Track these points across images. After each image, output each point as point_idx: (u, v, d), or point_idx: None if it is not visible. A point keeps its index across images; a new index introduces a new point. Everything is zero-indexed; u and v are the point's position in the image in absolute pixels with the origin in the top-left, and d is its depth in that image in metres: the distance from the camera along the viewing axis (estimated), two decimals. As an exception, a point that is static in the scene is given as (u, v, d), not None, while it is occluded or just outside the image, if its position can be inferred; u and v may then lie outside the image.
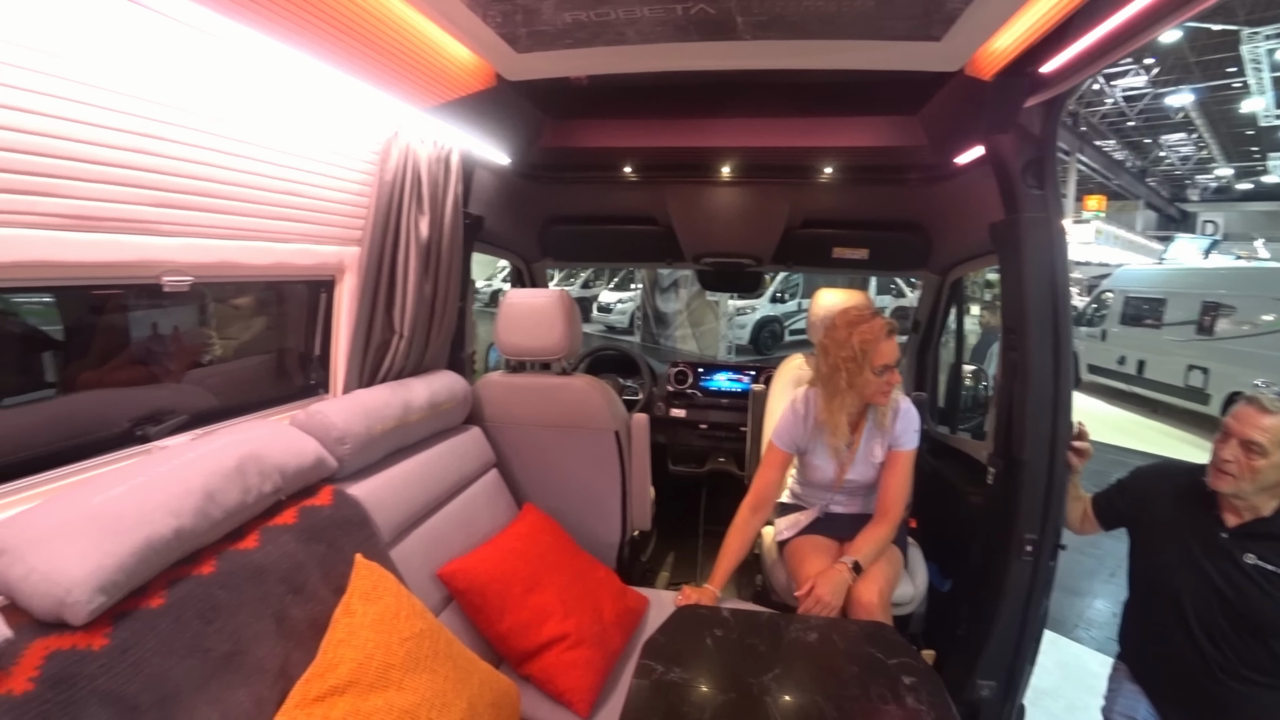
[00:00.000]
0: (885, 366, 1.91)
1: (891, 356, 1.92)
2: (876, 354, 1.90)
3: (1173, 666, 1.66)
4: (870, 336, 1.89)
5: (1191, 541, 1.64)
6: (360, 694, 1.13)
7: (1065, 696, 2.97)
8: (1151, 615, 1.73)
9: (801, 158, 2.38)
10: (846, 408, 1.97)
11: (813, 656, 1.40)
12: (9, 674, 0.88)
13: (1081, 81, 1.54)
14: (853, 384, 1.93)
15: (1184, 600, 1.63)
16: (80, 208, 1.12)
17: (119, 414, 1.41)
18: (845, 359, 1.92)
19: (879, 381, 1.92)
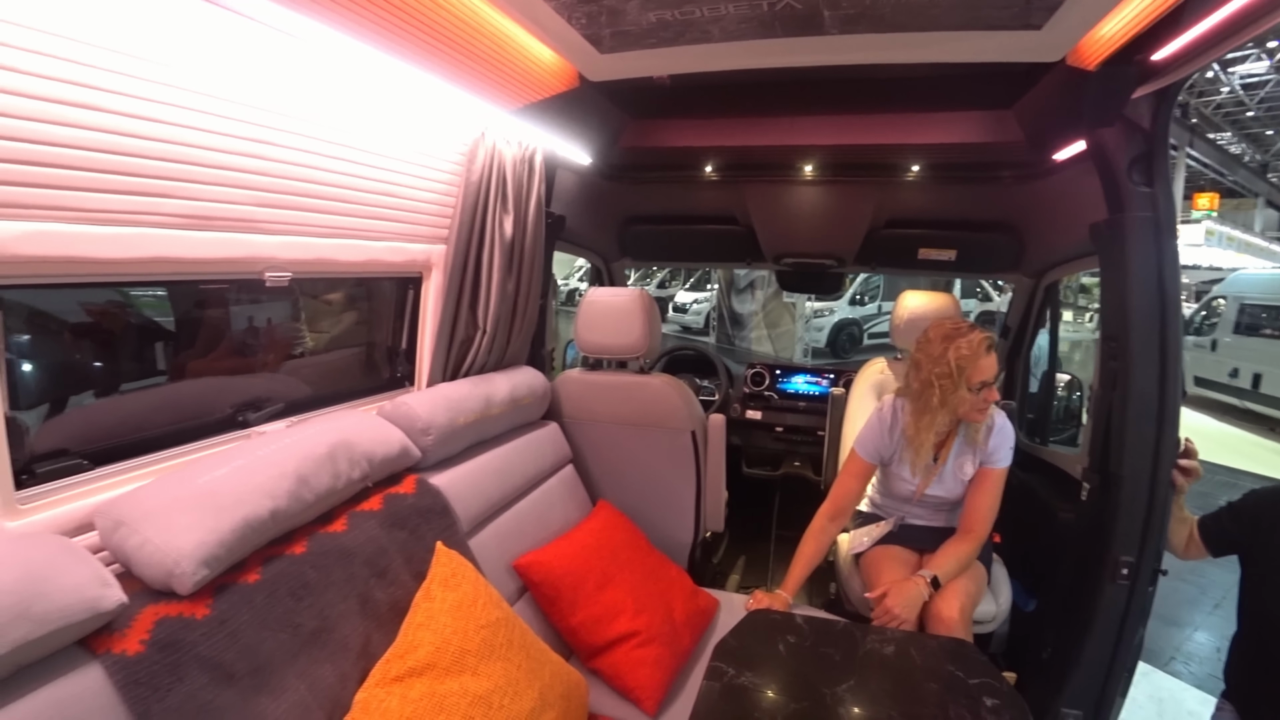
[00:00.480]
0: (983, 384, 1.82)
1: (990, 373, 1.82)
2: (974, 371, 1.80)
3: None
4: (968, 352, 1.80)
5: None
6: (437, 677, 1.16)
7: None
8: (1265, 653, 1.58)
9: (888, 155, 2.31)
10: (936, 426, 1.88)
11: (889, 670, 1.35)
12: (124, 635, 0.95)
13: (1196, 70, 1.42)
14: (946, 402, 1.84)
15: None
16: (195, 208, 1.20)
17: (222, 401, 1.50)
18: (939, 375, 1.83)
19: (975, 399, 1.83)
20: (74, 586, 0.88)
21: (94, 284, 1.20)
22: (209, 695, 0.99)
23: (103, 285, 1.25)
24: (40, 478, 1.09)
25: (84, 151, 1.00)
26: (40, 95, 0.94)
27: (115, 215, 1.08)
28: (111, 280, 1.20)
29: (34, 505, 1.06)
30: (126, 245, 1.10)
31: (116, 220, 1.08)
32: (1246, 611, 1.65)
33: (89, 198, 1.03)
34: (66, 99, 0.97)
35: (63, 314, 1.26)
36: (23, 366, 1.17)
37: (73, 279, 1.11)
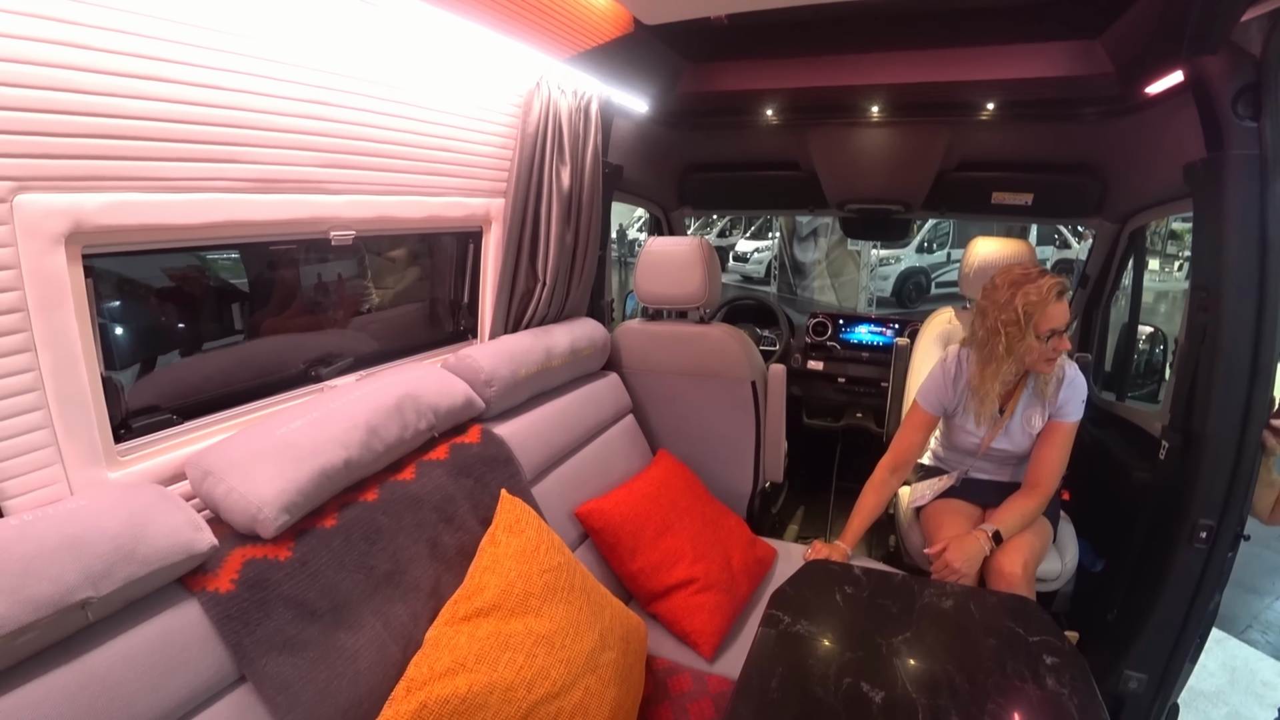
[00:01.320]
0: (1053, 332, 1.74)
1: (1060, 320, 1.73)
2: (1043, 318, 1.73)
3: None
4: (1036, 298, 1.72)
5: None
6: (502, 617, 1.22)
7: (1229, 703, 2.68)
8: None
9: (960, 93, 2.17)
10: (1002, 376, 1.82)
11: (947, 624, 1.34)
12: (216, 575, 1.03)
13: None
14: (1012, 350, 1.77)
15: None
16: (262, 172, 1.24)
17: (295, 357, 1.57)
18: (1006, 323, 1.76)
19: (1044, 348, 1.75)
20: (171, 530, 0.96)
21: (171, 249, 1.26)
22: (294, 629, 1.07)
23: (179, 250, 1.31)
24: (135, 432, 1.17)
25: (155, 122, 1.04)
26: (111, 70, 0.97)
27: (187, 182, 1.12)
28: (187, 245, 1.26)
29: (131, 457, 1.14)
30: (199, 210, 1.15)
31: (188, 187, 1.13)
32: None
33: (161, 166, 1.08)
34: (136, 72, 1.00)
35: (148, 279, 1.33)
36: (115, 330, 1.25)
37: (152, 245, 1.16)
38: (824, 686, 1.14)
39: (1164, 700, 1.81)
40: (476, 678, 1.12)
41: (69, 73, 0.92)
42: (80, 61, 0.93)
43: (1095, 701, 1.12)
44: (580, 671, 1.25)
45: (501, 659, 1.16)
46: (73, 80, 0.93)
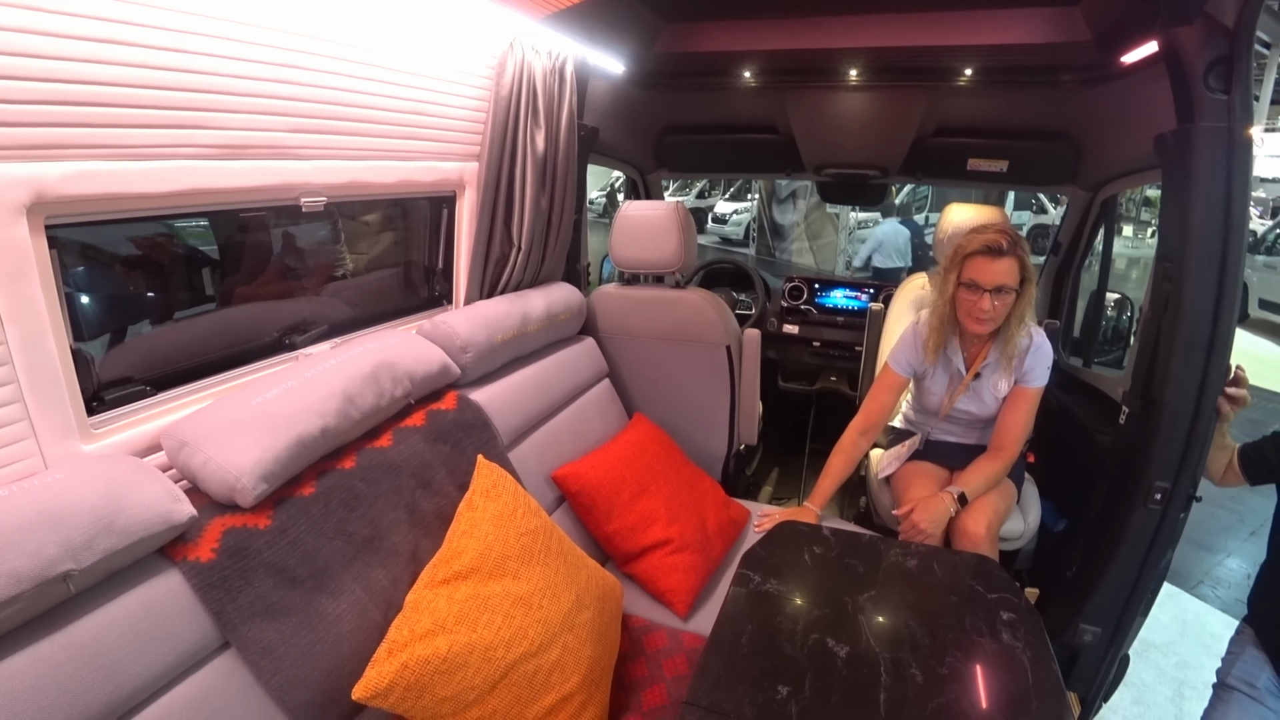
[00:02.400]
0: (973, 284, 1.76)
1: (984, 276, 1.75)
2: (968, 265, 1.77)
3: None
4: (965, 243, 1.78)
5: None
6: (481, 580, 1.25)
7: (1178, 653, 2.82)
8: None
9: (939, 58, 2.15)
10: (937, 311, 1.88)
11: (911, 582, 1.40)
12: (196, 544, 1.05)
13: None
14: (939, 287, 1.85)
15: None
16: (229, 138, 1.21)
17: (268, 325, 1.56)
18: (945, 268, 1.85)
19: (966, 299, 1.79)
20: (149, 501, 0.97)
21: (138, 218, 1.24)
22: (276, 596, 1.09)
23: (146, 219, 1.28)
24: (108, 404, 1.17)
25: (118, 88, 1.02)
26: (69, 33, 0.94)
27: (152, 149, 1.10)
28: (153, 214, 1.23)
29: (105, 430, 1.14)
30: (165, 178, 1.13)
31: (154, 154, 1.11)
32: (1277, 540, 1.65)
33: (125, 134, 1.06)
34: (97, 35, 0.98)
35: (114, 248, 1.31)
36: (81, 300, 1.23)
37: (118, 215, 1.14)
38: (791, 642, 1.19)
39: (1116, 651, 1.90)
40: (456, 638, 1.15)
41: (26, 37, 0.89)
42: (38, 25, 0.90)
43: (1047, 654, 1.19)
44: (557, 631, 1.29)
45: (480, 620, 1.19)
46: (30, 45, 0.90)
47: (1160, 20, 1.54)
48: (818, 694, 1.07)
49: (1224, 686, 1.71)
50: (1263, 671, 1.64)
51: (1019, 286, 1.78)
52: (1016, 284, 1.77)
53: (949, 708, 1.06)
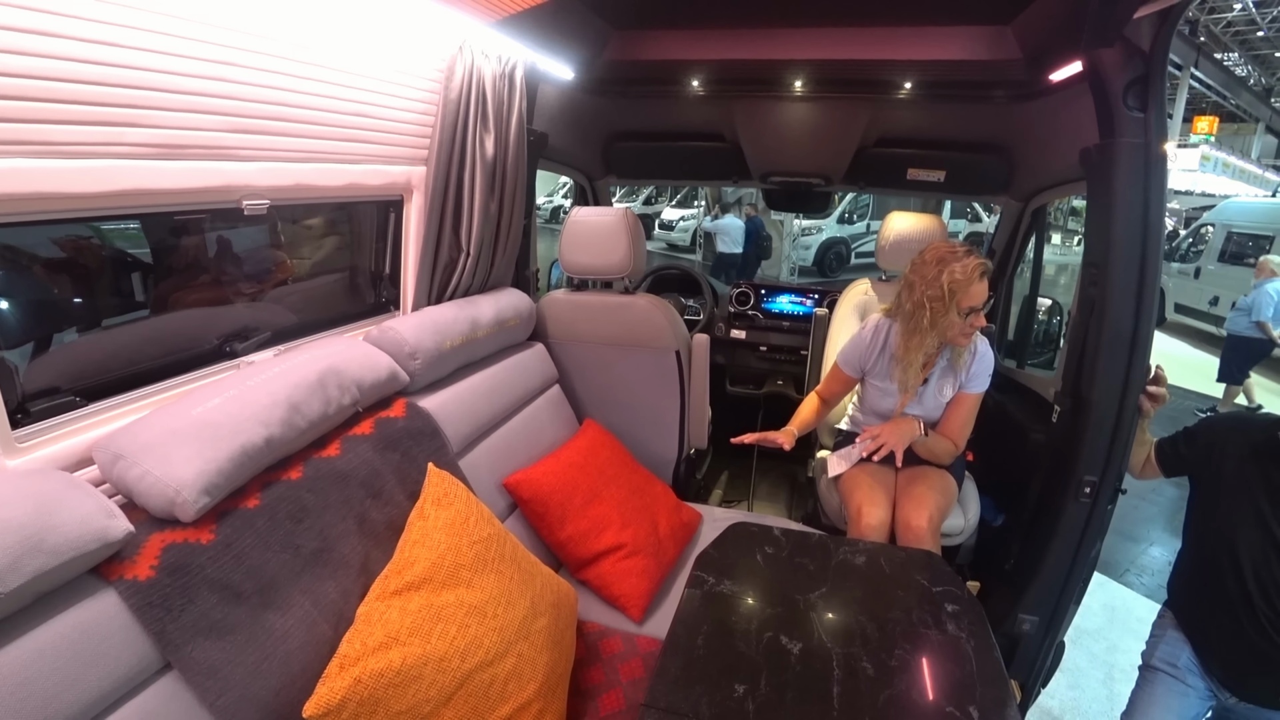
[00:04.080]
0: (973, 309, 1.84)
1: (980, 299, 1.84)
2: (966, 296, 1.83)
3: (1221, 620, 1.64)
4: (962, 277, 1.82)
5: (1261, 498, 1.58)
6: (434, 590, 1.23)
7: (1108, 639, 2.99)
8: (1206, 567, 1.69)
9: (880, 71, 2.23)
10: (925, 347, 1.93)
11: (859, 578, 1.44)
12: (134, 562, 1.00)
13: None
14: (935, 324, 1.88)
15: (1242, 556, 1.59)
16: (165, 137, 1.17)
17: (208, 332, 1.51)
18: (931, 298, 1.86)
19: (963, 324, 1.87)
20: (81, 518, 0.92)
21: (65, 220, 1.18)
22: (220, 613, 1.05)
23: (74, 221, 1.22)
24: (35, 416, 1.11)
25: (43, 82, 0.97)
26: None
27: (81, 148, 1.05)
28: (83, 215, 1.18)
29: (32, 443, 1.09)
30: (95, 178, 1.08)
31: (83, 153, 1.06)
32: (1191, 529, 1.75)
33: (52, 130, 1.01)
34: (20, 25, 0.93)
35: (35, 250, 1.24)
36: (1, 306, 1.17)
37: (45, 215, 1.09)
38: (746, 641, 1.21)
39: (1053, 639, 1.99)
40: (410, 650, 1.13)
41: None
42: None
43: (989, 643, 1.24)
44: (513, 639, 1.28)
45: (434, 631, 1.18)
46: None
47: (1083, 42, 1.63)
48: (773, 691, 1.09)
49: (1149, 668, 1.82)
50: (1182, 652, 1.75)
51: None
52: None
53: (899, 698, 1.09)
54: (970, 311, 1.85)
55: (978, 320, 1.86)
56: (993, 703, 1.10)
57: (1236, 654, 1.61)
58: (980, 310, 1.85)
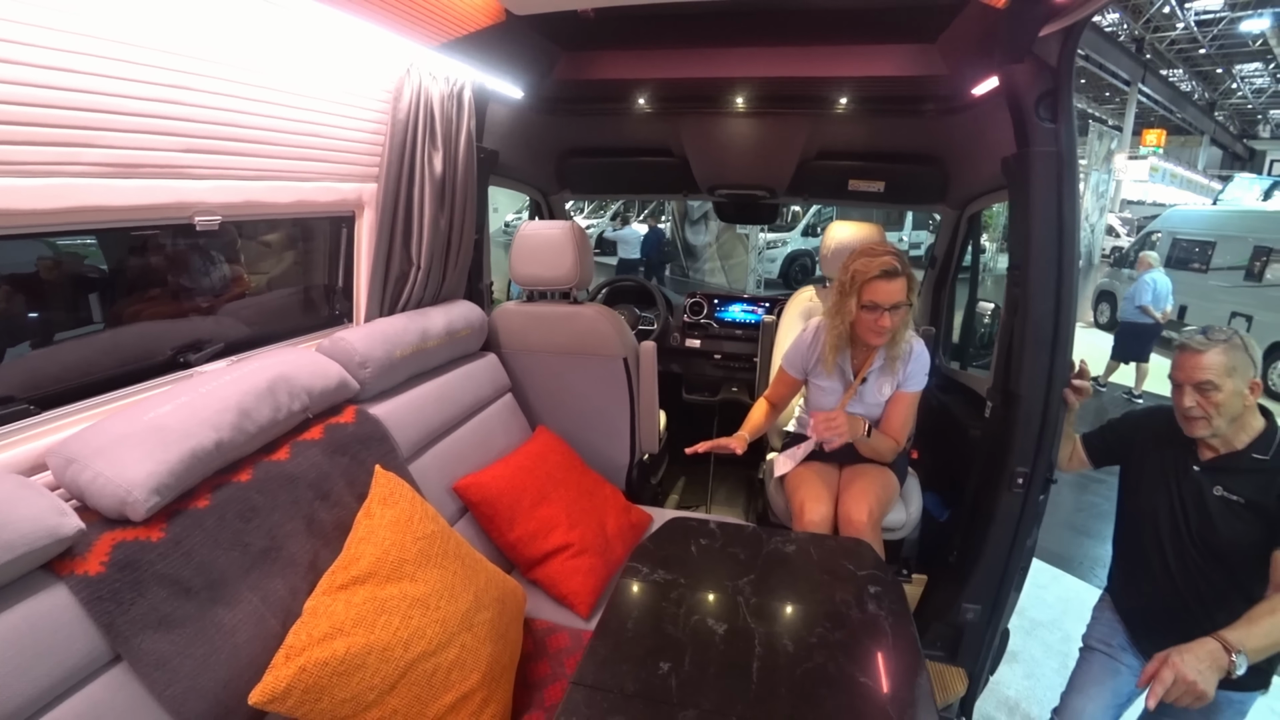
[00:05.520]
0: (874, 304, 1.93)
1: (883, 297, 1.92)
2: (867, 289, 1.92)
3: (1149, 598, 1.75)
4: (863, 269, 1.93)
5: (1170, 478, 1.70)
6: (378, 584, 1.29)
7: (1062, 629, 3.10)
8: (1134, 549, 1.80)
9: (817, 88, 2.35)
10: (835, 330, 2.04)
11: (788, 565, 1.52)
12: (85, 559, 1.04)
13: (1096, 9, 1.49)
14: (839, 310, 2.00)
15: (1163, 535, 1.70)
16: (119, 156, 1.23)
17: (162, 344, 1.55)
18: (840, 284, 2.00)
19: (866, 318, 1.95)
20: (33, 516, 0.97)
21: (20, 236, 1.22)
22: (169, 607, 1.10)
23: (29, 237, 1.27)
24: None
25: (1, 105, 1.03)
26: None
27: (37, 166, 1.11)
28: (38, 231, 1.22)
29: (-14, 450, 1.12)
30: (50, 196, 1.14)
31: (38, 171, 1.11)
32: (1122, 514, 1.87)
33: (8, 150, 1.06)
34: None
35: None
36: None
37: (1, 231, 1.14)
38: (674, 624, 1.28)
39: (996, 626, 2.09)
40: (354, 640, 1.19)
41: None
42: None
43: (907, 618, 1.33)
44: (456, 630, 1.34)
45: (378, 622, 1.23)
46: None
47: (997, 59, 1.76)
48: (696, 668, 1.17)
49: (1087, 648, 1.93)
50: (1117, 632, 1.86)
51: (909, 300, 1.97)
52: (908, 299, 1.95)
53: (816, 671, 1.17)
54: (874, 307, 1.93)
55: (883, 319, 1.93)
56: (905, 671, 1.18)
57: (1163, 630, 1.69)
58: (887, 309, 1.92)
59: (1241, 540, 1.56)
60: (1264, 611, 1.36)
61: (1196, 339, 1.59)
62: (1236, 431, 1.61)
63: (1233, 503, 1.58)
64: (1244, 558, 1.57)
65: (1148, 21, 16.10)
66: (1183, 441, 1.69)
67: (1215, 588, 1.61)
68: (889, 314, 1.93)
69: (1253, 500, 1.55)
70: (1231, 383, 1.54)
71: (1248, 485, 1.57)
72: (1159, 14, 15.76)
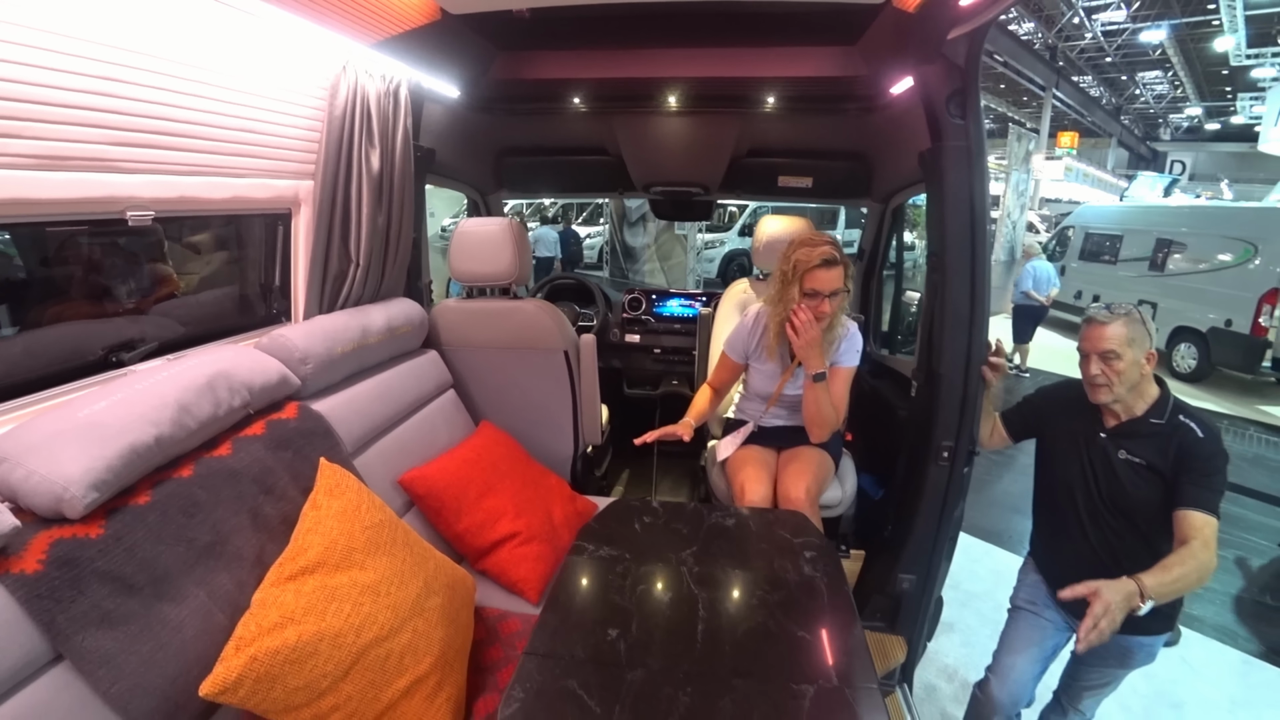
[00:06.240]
0: (815, 292, 2.03)
1: (823, 284, 2.02)
2: (808, 277, 2.02)
3: (1067, 556, 1.88)
4: (804, 259, 2.03)
5: (1081, 445, 1.83)
6: (328, 573, 1.30)
7: (994, 599, 3.27)
8: (1051, 514, 1.94)
9: (746, 88, 2.44)
10: (778, 317, 2.12)
11: (729, 537, 1.59)
12: (20, 557, 1.02)
13: (999, 13, 1.60)
14: (781, 297, 2.09)
15: (1077, 497, 1.83)
16: (48, 148, 1.20)
17: (93, 343, 1.52)
18: (783, 272, 2.09)
19: (808, 304, 2.05)
20: (-37, 516, 0.94)
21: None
22: (112, 604, 1.08)
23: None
24: None
25: None
26: None
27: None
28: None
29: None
30: None
31: None
32: (1039, 482, 2.00)
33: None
34: None
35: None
36: None
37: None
38: (621, 594, 1.34)
39: (930, 594, 2.21)
40: (305, 628, 1.19)
41: None
42: None
43: (841, 578, 1.41)
44: (407, 616, 1.36)
45: (329, 609, 1.24)
46: None
47: (911, 60, 1.88)
48: (643, 633, 1.22)
49: (1015, 608, 2.06)
50: (1040, 591, 1.99)
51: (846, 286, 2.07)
52: (845, 285, 2.06)
53: (757, 628, 1.25)
54: (814, 294, 2.03)
55: (822, 305, 2.04)
56: (840, 626, 1.26)
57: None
58: (825, 296, 2.03)
59: (1146, 500, 1.71)
60: (1175, 562, 1.51)
61: (1101, 313, 1.73)
62: (1135, 399, 1.75)
63: (1136, 465, 1.72)
64: (1150, 516, 1.71)
65: (1060, 31, 17.09)
66: (1090, 411, 1.83)
67: (1126, 544, 1.75)
68: (829, 300, 2.03)
69: (1153, 463, 1.70)
70: (1131, 352, 1.69)
71: (1148, 448, 1.71)
72: (1070, 24, 16.75)
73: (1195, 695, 2.73)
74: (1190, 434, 1.67)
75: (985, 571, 3.56)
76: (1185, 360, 8.48)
